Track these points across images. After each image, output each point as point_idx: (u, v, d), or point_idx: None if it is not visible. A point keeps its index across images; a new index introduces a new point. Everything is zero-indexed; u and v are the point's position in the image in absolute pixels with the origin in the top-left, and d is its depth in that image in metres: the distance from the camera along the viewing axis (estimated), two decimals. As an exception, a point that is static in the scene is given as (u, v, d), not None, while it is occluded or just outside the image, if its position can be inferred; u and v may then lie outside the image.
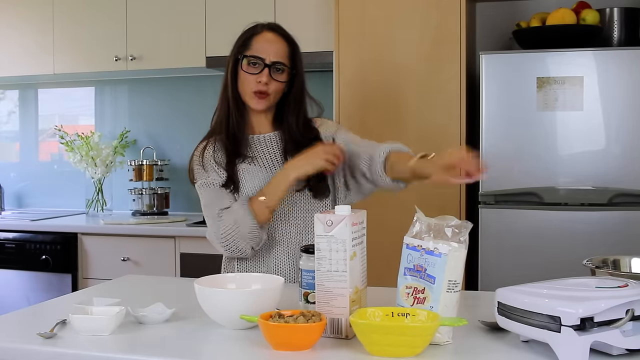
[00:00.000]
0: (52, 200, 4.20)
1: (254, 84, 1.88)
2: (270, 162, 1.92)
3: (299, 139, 1.92)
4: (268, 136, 1.95)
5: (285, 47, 1.91)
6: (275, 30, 1.93)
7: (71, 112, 4.28)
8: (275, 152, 1.94)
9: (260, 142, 1.95)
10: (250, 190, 1.87)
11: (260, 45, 1.89)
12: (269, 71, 1.87)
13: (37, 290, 3.48)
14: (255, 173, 1.89)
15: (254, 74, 1.87)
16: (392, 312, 1.27)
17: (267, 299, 1.38)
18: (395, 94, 2.98)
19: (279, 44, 1.90)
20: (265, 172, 1.90)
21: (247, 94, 1.90)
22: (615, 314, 1.12)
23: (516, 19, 3.19)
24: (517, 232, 2.75)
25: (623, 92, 2.66)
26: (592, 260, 1.56)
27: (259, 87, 1.87)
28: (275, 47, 1.89)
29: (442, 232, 1.30)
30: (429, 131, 2.93)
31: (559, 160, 2.72)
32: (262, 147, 1.94)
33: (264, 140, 1.95)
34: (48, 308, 1.66)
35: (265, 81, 1.87)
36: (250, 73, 1.88)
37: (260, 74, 1.87)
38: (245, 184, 1.88)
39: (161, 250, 3.32)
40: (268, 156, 1.93)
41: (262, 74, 1.87)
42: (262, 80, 1.87)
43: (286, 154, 1.92)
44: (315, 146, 1.84)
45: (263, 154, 1.93)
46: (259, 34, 1.91)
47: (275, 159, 1.93)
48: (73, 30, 3.74)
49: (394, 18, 2.97)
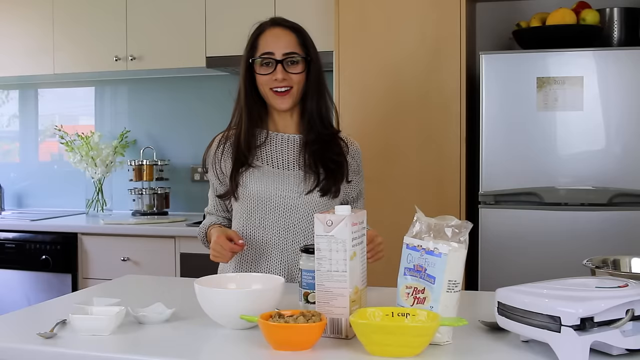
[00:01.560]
0: (52, 200, 4.20)
1: (271, 82, 1.85)
2: (283, 163, 1.90)
3: (319, 130, 1.89)
4: (289, 137, 1.93)
5: (293, 37, 1.88)
6: (280, 24, 1.91)
7: (71, 112, 4.28)
8: (292, 154, 1.91)
9: (280, 141, 1.92)
10: (256, 190, 1.87)
11: (267, 43, 1.87)
12: (282, 67, 1.84)
13: (37, 290, 3.48)
14: (265, 174, 1.88)
15: (269, 74, 1.85)
16: (392, 312, 1.27)
17: (267, 299, 1.38)
18: (395, 94, 2.98)
19: (287, 36, 1.88)
20: (276, 173, 1.89)
21: (269, 95, 1.88)
22: (615, 314, 1.12)
23: (516, 19, 3.19)
24: (517, 232, 2.75)
25: (623, 92, 2.66)
26: (592, 260, 1.56)
27: (276, 84, 1.85)
28: (284, 40, 1.87)
29: (442, 232, 1.30)
30: (429, 131, 2.93)
31: (559, 160, 2.72)
32: (280, 147, 1.92)
33: (286, 140, 1.93)
34: (48, 308, 1.66)
35: (282, 77, 1.84)
36: (264, 74, 1.86)
37: (275, 72, 1.84)
38: (252, 184, 1.88)
39: (161, 250, 3.32)
40: (283, 156, 1.91)
41: (277, 71, 1.84)
42: (278, 78, 1.84)
43: (304, 150, 1.89)
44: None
45: (278, 153, 1.91)
46: (264, 32, 1.89)
47: (289, 160, 1.90)
48: (73, 30, 3.74)
49: (394, 18, 2.97)
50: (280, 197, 1.87)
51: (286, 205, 1.87)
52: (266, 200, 1.88)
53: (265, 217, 1.88)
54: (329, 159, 1.89)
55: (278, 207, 1.87)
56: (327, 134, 1.92)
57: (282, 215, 1.88)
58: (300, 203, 1.87)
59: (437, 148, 2.93)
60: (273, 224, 1.88)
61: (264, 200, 1.88)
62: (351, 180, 1.95)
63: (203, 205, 2.10)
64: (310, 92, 1.90)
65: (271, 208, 1.88)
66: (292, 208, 1.87)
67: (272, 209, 1.88)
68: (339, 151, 1.92)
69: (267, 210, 1.88)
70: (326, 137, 1.91)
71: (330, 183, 1.87)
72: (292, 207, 1.87)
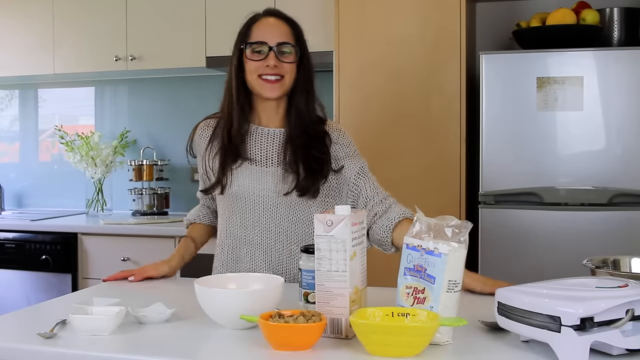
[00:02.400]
0: (52, 200, 4.20)
1: (262, 68, 1.82)
2: (266, 159, 1.87)
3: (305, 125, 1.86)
4: (272, 131, 1.89)
5: (288, 29, 1.86)
6: (276, 15, 1.88)
7: (71, 112, 4.28)
8: (274, 149, 1.87)
9: (262, 135, 1.89)
10: (237, 189, 1.85)
11: (262, 31, 1.85)
12: (275, 55, 1.82)
13: (37, 290, 3.48)
14: (244, 171, 1.86)
15: (260, 60, 1.82)
16: (392, 312, 1.27)
17: (267, 299, 1.37)
18: (395, 94, 2.98)
19: (282, 27, 1.86)
20: (257, 168, 1.85)
21: (257, 84, 1.84)
22: (615, 314, 1.12)
23: (516, 19, 3.19)
24: (517, 232, 2.74)
25: (623, 92, 2.66)
26: (592, 260, 1.56)
27: (267, 70, 1.81)
28: (278, 30, 1.85)
29: (442, 232, 1.29)
30: (429, 131, 2.93)
31: (559, 160, 2.72)
32: (261, 141, 1.88)
33: (267, 134, 1.89)
34: (48, 308, 1.66)
35: (274, 64, 1.81)
36: (255, 60, 1.83)
37: (267, 58, 1.81)
38: (233, 183, 1.85)
39: (161, 250, 3.31)
40: (265, 152, 1.87)
41: (269, 57, 1.81)
42: (270, 64, 1.81)
43: (287, 145, 1.85)
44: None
45: (259, 148, 1.88)
46: (259, 20, 1.87)
47: (272, 156, 1.87)
48: (73, 30, 3.74)
49: (394, 18, 2.97)
50: (258, 197, 1.84)
51: (265, 205, 1.84)
52: (245, 199, 1.85)
53: (246, 216, 1.86)
54: (312, 156, 1.84)
55: (257, 206, 1.84)
56: (313, 129, 1.88)
57: (262, 214, 1.84)
58: (279, 203, 1.84)
59: (437, 148, 2.93)
60: (254, 223, 1.85)
61: (243, 199, 1.85)
62: (342, 167, 1.88)
63: (203, 205, 2.11)
64: (299, 88, 1.88)
65: (251, 207, 1.85)
66: (271, 207, 1.84)
67: (251, 208, 1.85)
68: (323, 149, 1.87)
69: (247, 209, 1.85)
70: (312, 132, 1.87)
71: (309, 182, 1.82)
72: (271, 206, 1.84)
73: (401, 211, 1.83)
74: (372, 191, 1.86)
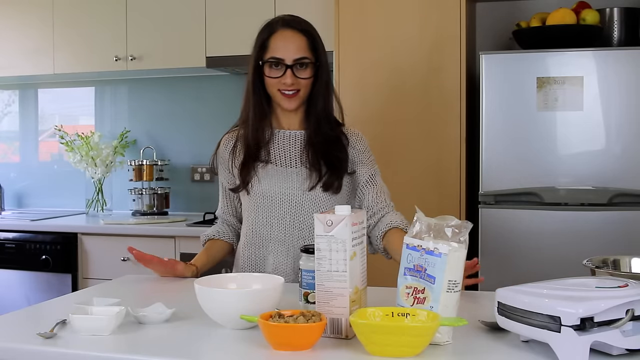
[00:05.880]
0: (52, 200, 4.20)
1: (280, 85, 1.88)
2: (287, 160, 1.93)
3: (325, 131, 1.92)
4: (293, 133, 1.96)
5: (304, 41, 1.89)
6: (292, 26, 1.90)
7: (71, 112, 4.28)
8: (296, 151, 1.94)
9: (283, 138, 1.96)
10: (262, 188, 1.91)
11: (278, 45, 1.88)
12: (292, 72, 1.86)
13: (37, 290, 3.48)
14: (270, 172, 1.92)
15: (278, 77, 1.87)
16: (392, 312, 1.27)
17: (267, 299, 1.37)
18: (396, 94, 2.98)
19: (298, 40, 1.88)
20: (280, 171, 1.92)
21: (276, 96, 1.91)
22: (615, 314, 1.12)
23: (516, 19, 3.19)
24: (517, 232, 2.75)
25: (623, 92, 2.66)
26: (592, 260, 1.56)
27: (284, 87, 1.87)
28: (295, 44, 1.87)
29: (442, 232, 1.30)
30: (429, 131, 2.93)
31: (559, 160, 2.72)
32: (283, 144, 1.95)
33: (288, 136, 1.96)
34: (48, 308, 1.66)
35: (290, 82, 1.86)
36: (273, 77, 1.88)
37: (284, 76, 1.86)
38: (260, 183, 1.91)
39: (161, 250, 3.31)
40: (287, 154, 1.94)
41: (286, 75, 1.86)
42: (287, 82, 1.86)
43: (308, 146, 1.92)
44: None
45: (282, 151, 1.94)
46: (275, 33, 1.89)
47: (294, 157, 1.93)
48: (73, 30, 3.75)
49: (394, 18, 2.97)
50: (285, 195, 1.91)
51: (291, 203, 1.90)
52: (272, 199, 1.92)
53: (271, 215, 1.92)
54: (332, 155, 1.92)
55: (283, 204, 1.91)
56: (331, 130, 1.95)
57: (287, 212, 1.91)
58: (305, 199, 1.90)
59: (437, 148, 2.93)
60: (279, 221, 1.91)
61: (270, 199, 1.92)
62: (355, 171, 1.96)
63: (203, 205, 2.12)
64: (318, 93, 1.93)
65: (277, 206, 1.91)
66: (297, 205, 1.90)
67: (277, 206, 1.91)
68: (341, 148, 1.95)
69: (273, 208, 1.92)
70: (330, 133, 1.94)
71: (332, 178, 1.90)
72: (297, 204, 1.90)
73: (389, 220, 1.90)
74: (373, 200, 1.94)
